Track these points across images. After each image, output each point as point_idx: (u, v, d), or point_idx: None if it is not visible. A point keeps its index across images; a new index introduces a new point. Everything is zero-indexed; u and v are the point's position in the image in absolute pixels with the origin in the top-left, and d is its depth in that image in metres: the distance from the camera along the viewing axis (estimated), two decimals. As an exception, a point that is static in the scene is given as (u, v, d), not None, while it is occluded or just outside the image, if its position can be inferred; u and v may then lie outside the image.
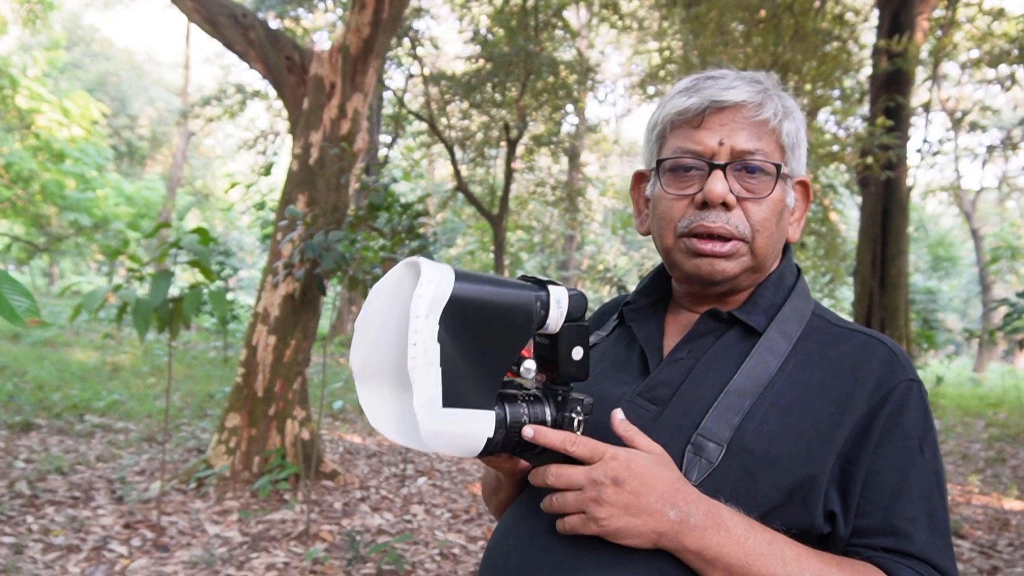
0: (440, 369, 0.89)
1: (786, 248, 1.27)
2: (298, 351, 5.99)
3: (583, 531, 0.98)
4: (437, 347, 0.88)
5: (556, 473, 0.98)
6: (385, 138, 18.73)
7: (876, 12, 6.84)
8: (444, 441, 0.91)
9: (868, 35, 8.94)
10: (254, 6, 16.36)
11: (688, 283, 1.21)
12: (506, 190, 15.79)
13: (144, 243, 24.70)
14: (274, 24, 16.53)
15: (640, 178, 1.30)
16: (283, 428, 5.88)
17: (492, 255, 19.03)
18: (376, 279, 5.43)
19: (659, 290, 1.31)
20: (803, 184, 1.23)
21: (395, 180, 6.06)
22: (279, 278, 5.74)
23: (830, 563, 1.01)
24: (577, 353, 1.01)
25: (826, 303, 16.28)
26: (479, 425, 0.93)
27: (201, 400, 9.32)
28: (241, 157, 26.22)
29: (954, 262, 33.97)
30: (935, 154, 7.20)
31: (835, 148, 7.51)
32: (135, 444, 6.91)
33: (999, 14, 8.20)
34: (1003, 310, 6.61)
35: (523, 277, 1.01)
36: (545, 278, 0.99)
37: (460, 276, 0.90)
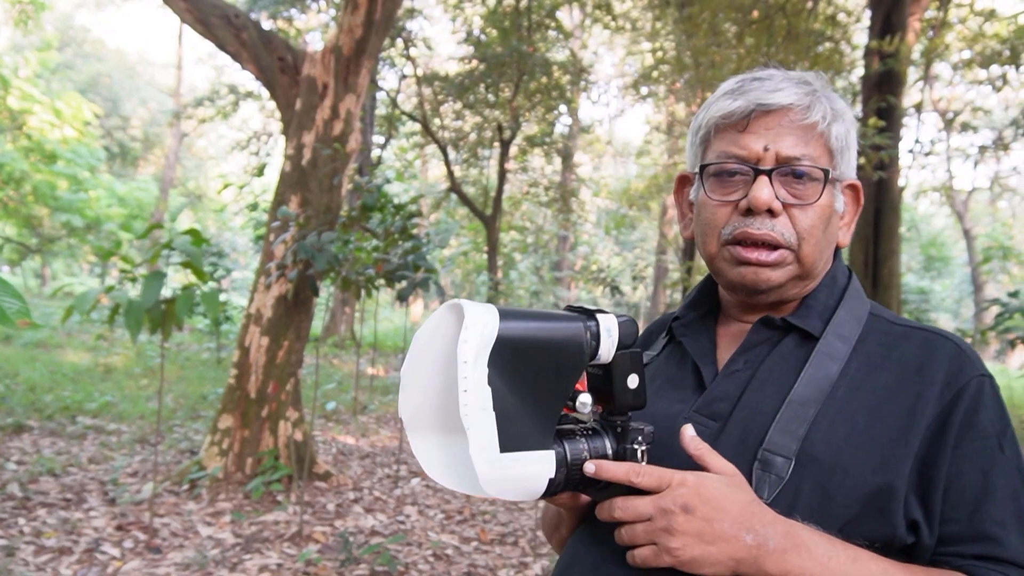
0: (494, 414, 0.87)
1: (836, 251, 1.23)
2: (291, 352, 5.99)
3: (656, 563, 0.94)
4: (488, 391, 0.86)
5: (623, 506, 0.95)
6: (378, 139, 18.71)
7: (868, 13, 6.85)
8: (505, 486, 0.89)
9: (860, 36, 8.97)
10: (247, 7, 16.32)
11: (733, 291, 1.18)
12: (499, 191, 15.79)
13: (136, 244, 24.63)
14: (267, 25, 16.52)
15: (683, 181, 1.26)
16: (276, 429, 5.87)
17: (486, 256, 19.03)
18: (369, 280, 5.43)
19: (708, 302, 1.27)
20: (853, 187, 1.19)
21: (388, 181, 6.06)
22: (272, 279, 5.73)
23: (916, 572, 0.98)
24: (633, 381, 0.99)
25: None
26: (540, 467, 0.91)
27: (194, 401, 9.30)
28: (234, 158, 26.18)
29: (946, 262, 34.06)
30: (927, 154, 7.22)
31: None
32: (127, 446, 6.89)
33: (990, 15, 8.23)
34: (995, 310, 6.62)
35: (569, 308, 0.98)
36: (592, 307, 0.97)
37: (504, 315, 0.88)
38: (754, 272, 1.11)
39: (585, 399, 0.98)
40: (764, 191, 1.08)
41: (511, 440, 0.88)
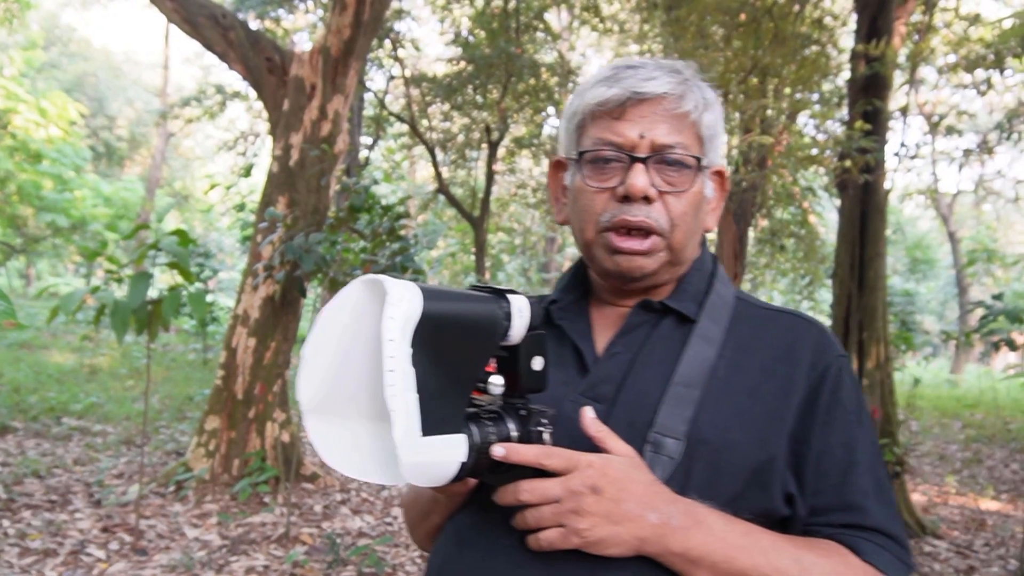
0: (417, 396, 0.83)
1: (703, 238, 1.27)
2: (278, 353, 5.97)
3: (563, 545, 0.94)
4: (413, 372, 0.82)
5: (530, 488, 0.94)
6: (366, 140, 18.67)
7: (854, 17, 6.89)
8: (421, 472, 0.85)
9: (847, 39, 9.01)
10: (234, 7, 16.27)
11: (607, 278, 1.20)
12: (487, 192, 15.78)
13: (122, 245, 24.48)
14: (254, 25, 16.46)
15: (558, 167, 1.27)
16: (263, 431, 5.86)
17: (473, 257, 19.03)
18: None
19: (581, 286, 1.28)
20: (719, 174, 1.22)
21: (376, 182, 6.06)
22: (259, 280, 5.71)
23: (802, 546, 1.03)
24: (538, 363, 0.98)
25: (805, 305, 16.37)
26: (453, 451, 0.88)
27: (180, 403, 9.27)
28: (221, 158, 26.09)
29: (931, 265, 34.25)
30: (913, 158, 7.26)
31: (814, 151, 7.56)
32: (113, 447, 6.86)
33: (975, 19, 8.29)
34: (979, 312, 6.67)
35: (476, 287, 0.96)
36: (502, 287, 0.96)
37: (425, 291, 0.85)
38: (628, 260, 1.14)
39: (497, 380, 0.96)
40: (640, 178, 1.10)
41: (430, 423, 0.84)
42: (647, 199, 1.11)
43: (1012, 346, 6.24)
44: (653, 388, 1.09)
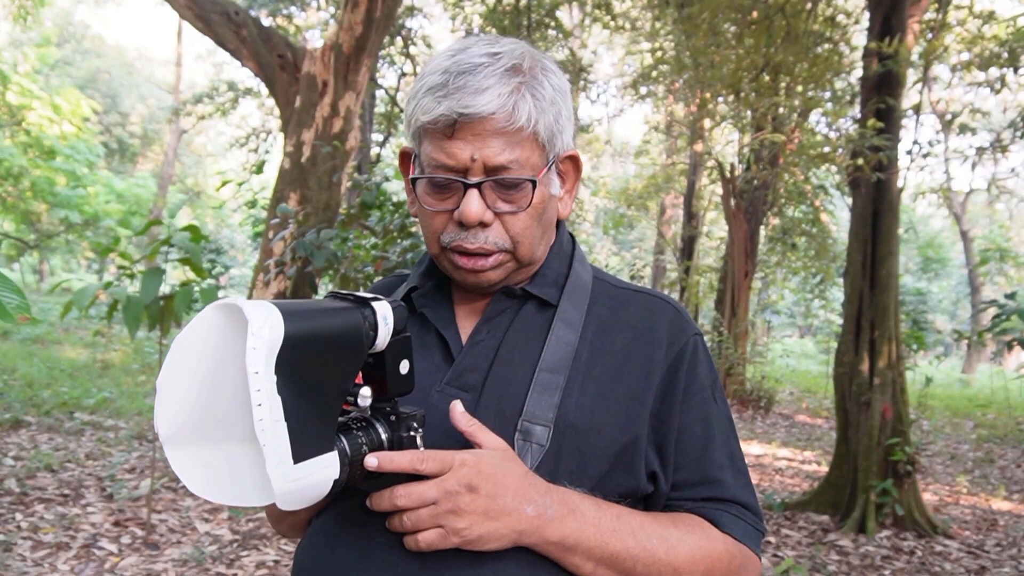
0: (285, 424, 0.79)
1: (559, 222, 1.23)
2: (289, 349, 5.98)
3: (443, 546, 0.94)
4: (279, 400, 0.79)
5: (405, 494, 0.92)
6: (377, 136, 18.70)
7: (867, 14, 6.86)
8: (295, 497, 0.82)
9: (859, 37, 8.97)
10: (246, 4, 16.31)
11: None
12: (498, 189, 15.80)
13: (135, 241, 24.58)
14: (266, 22, 16.50)
15: (407, 156, 1.19)
16: (274, 426, 5.88)
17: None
18: (368, 278, 5.44)
19: (441, 271, 1.23)
20: (571, 158, 1.17)
21: (387, 179, 6.06)
22: (270, 276, 5.73)
23: (667, 524, 1.06)
24: (404, 367, 0.97)
25: (816, 304, 16.33)
26: (325, 471, 0.85)
27: (191, 398, 9.29)
28: (233, 155, 26.14)
29: (944, 264, 34.11)
30: (925, 156, 7.21)
31: (826, 149, 7.54)
32: (125, 442, 6.89)
33: (989, 17, 8.23)
34: (992, 311, 6.64)
35: (335, 295, 0.94)
36: (364, 294, 0.93)
37: (284, 311, 0.81)
38: (474, 276, 1.12)
39: (366, 392, 0.93)
40: (473, 206, 1.06)
41: (301, 449, 0.81)
42: (483, 224, 1.08)
43: (1025, 345, 6.21)
44: (519, 375, 1.09)
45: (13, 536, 4.37)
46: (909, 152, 6.95)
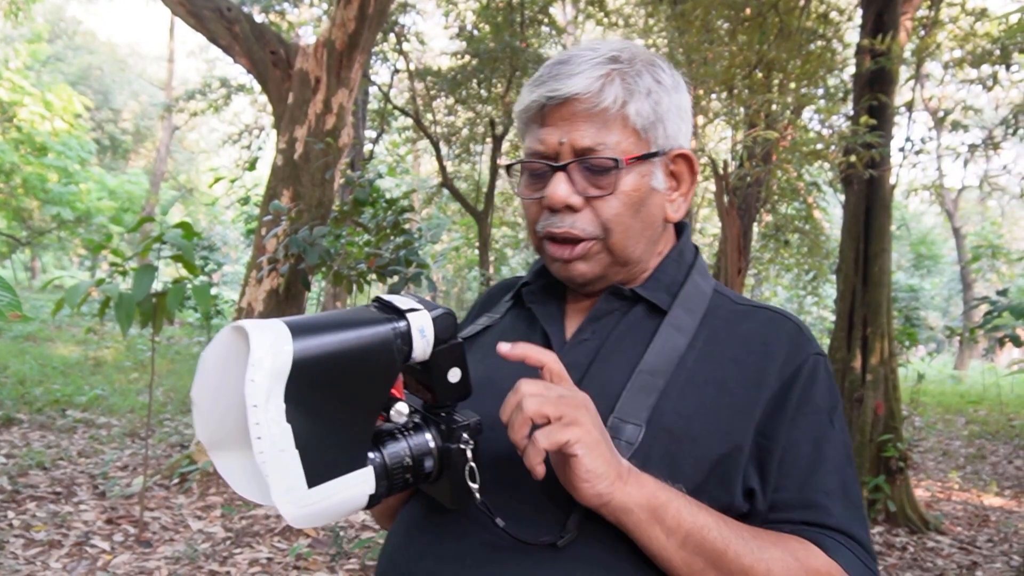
0: (296, 452, 0.79)
1: (682, 226, 1.24)
2: (282, 346, 5.97)
3: (557, 437, 0.87)
4: (287, 429, 0.78)
5: (531, 381, 0.91)
6: (370, 133, 18.67)
7: (860, 11, 6.87)
8: (315, 518, 0.82)
9: (852, 34, 8.98)
10: (239, 0, 16.27)
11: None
12: (491, 186, 15.79)
13: (127, 237, 24.53)
14: (259, 18, 16.44)
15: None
16: (267, 423, 5.87)
17: (477, 251, 19.02)
18: (361, 275, 5.43)
19: None
20: (684, 157, 1.16)
21: (380, 176, 6.05)
22: (263, 273, 5.72)
23: (759, 530, 1.00)
24: (454, 375, 0.92)
25: (809, 300, 16.36)
26: (357, 488, 0.84)
27: (184, 395, 9.28)
28: (225, 152, 26.12)
29: (936, 260, 34.18)
30: (918, 153, 7.22)
31: (819, 146, 7.55)
32: (117, 439, 6.88)
33: (982, 14, 8.25)
34: (984, 308, 6.66)
35: (378, 301, 0.91)
36: (405, 303, 0.89)
37: (298, 330, 0.79)
38: (565, 268, 1.12)
39: (402, 408, 0.91)
40: (559, 189, 1.08)
41: (319, 471, 0.81)
42: (571, 208, 1.09)
43: (1017, 342, 6.23)
44: (618, 376, 1.06)
45: (5, 534, 4.36)
46: (902, 149, 6.96)
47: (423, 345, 0.88)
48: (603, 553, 0.97)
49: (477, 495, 0.93)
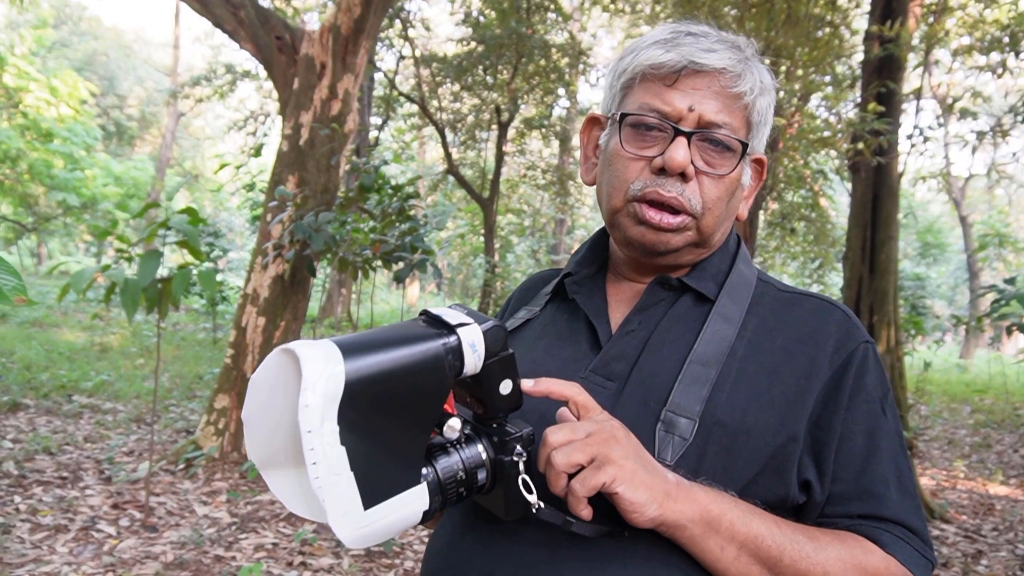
0: (352, 474, 0.79)
1: None
2: (287, 332, 5.98)
3: (593, 481, 0.87)
4: (341, 452, 0.78)
5: (558, 428, 0.90)
6: (376, 120, 18.65)
7: (869, -2, 6.84)
8: (372, 538, 0.82)
9: (860, 21, 8.93)
10: (244, -15, 16.20)
11: (628, 249, 1.15)
12: (497, 173, 15.75)
13: (133, 223, 24.55)
14: (264, 3, 16.39)
15: (594, 123, 1.21)
16: (272, 410, 5.87)
17: (482, 238, 19.01)
18: (366, 261, 5.43)
19: (598, 260, 1.24)
20: (759, 162, 1.18)
21: (386, 162, 6.04)
22: (268, 259, 5.72)
23: (815, 529, 0.99)
24: (506, 387, 0.91)
25: (815, 288, 16.33)
26: (412, 506, 0.84)
27: (190, 381, 9.30)
28: (231, 138, 26.10)
29: (943, 249, 34.07)
30: (925, 141, 7.19)
31: (826, 133, 7.51)
32: (123, 425, 6.90)
33: (991, 1, 8.21)
34: (990, 297, 6.64)
35: (425, 315, 0.90)
36: (455, 317, 0.88)
37: (348, 351, 0.79)
38: (655, 234, 1.09)
39: (454, 424, 0.90)
40: (681, 152, 1.05)
41: (375, 492, 0.81)
42: (684, 176, 1.07)
43: (1024, 330, 6.21)
44: (668, 367, 1.04)
45: (12, 519, 4.38)
46: (909, 137, 6.93)
47: (474, 360, 0.87)
48: (659, 546, 0.95)
49: (539, 504, 0.92)
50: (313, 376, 0.76)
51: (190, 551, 4.14)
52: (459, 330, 0.86)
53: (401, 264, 5.50)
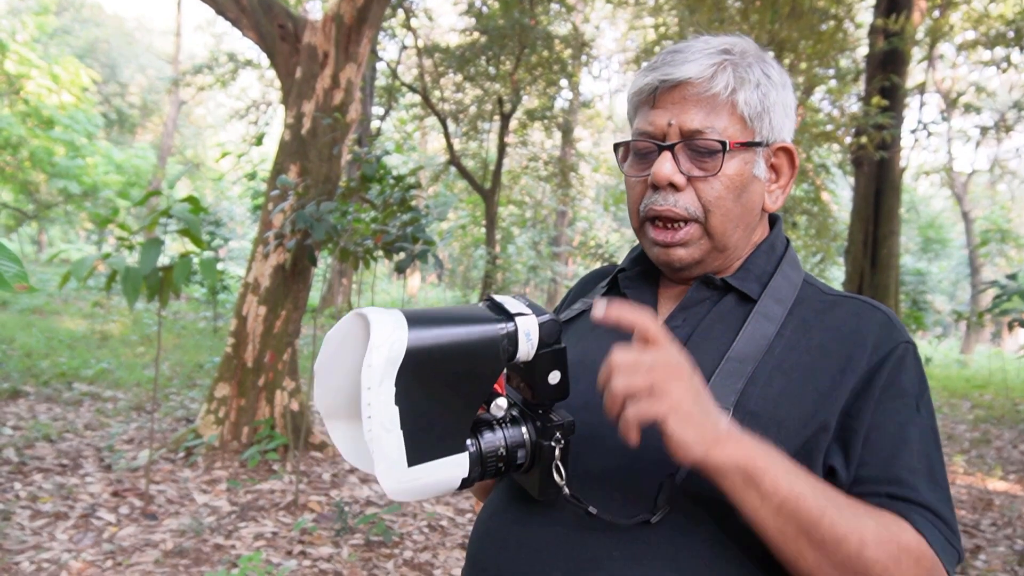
0: (401, 432, 0.86)
1: (775, 219, 1.27)
2: (288, 322, 5.98)
3: (649, 411, 0.89)
4: (395, 411, 0.85)
5: (623, 352, 0.91)
6: (378, 110, 18.62)
7: (873, -9, 6.81)
8: (411, 494, 0.90)
9: (865, 14, 8.91)
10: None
11: (658, 266, 1.22)
12: (499, 164, 15.74)
13: (134, 211, 24.56)
14: (267, -8, 16.35)
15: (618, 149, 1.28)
16: (272, 399, 5.88)
17: (484, 229, 19.01)
18: (368, 251, 5.42)
19: (649, 259, 1.28)
20: (786, 150, 1.19)
21: (387, 152, 6.02)
22: (270, 248, 5.71)
23: (853, 499, 0.99)
24: (554, 377, 0.97)
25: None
26: (452, 471, 0.92)
27: (190, 370, 9.31)
28: (232, 126, 26.10)
29: (944, 244, 34.08)
30: (929, 135, 7.17)
31: (829, 127, 7.50)
32: (124, 413, 6.90)
33: (996, -5, 8.18)
34: (991, 292, 6.64)
35: (489, 301, 0.96)
36: (516, 306, 0.94)
37: (414, 321, 0.86)
38: (665, 253, 1.15)
39: (501, 403, 0.97)
40: (664, 166, 1.11)
41: (421, 452, 0.88)
42: (675, 187, 1.12)
43: (1025, 326, 6.21)
44: (707, 363, 1.08)
45: (12, 505, 4.38)
46: (913, 131, 6.91)
47: (527, 348, 0.93)
48: (689, 530, 1.00)
49: (565, 489, 0.99)
50: (379, 339, 0.84)
51: (190, 539, 4.15)
52: (517, 319, 0.92)
53: (402, 254, 5.50)
